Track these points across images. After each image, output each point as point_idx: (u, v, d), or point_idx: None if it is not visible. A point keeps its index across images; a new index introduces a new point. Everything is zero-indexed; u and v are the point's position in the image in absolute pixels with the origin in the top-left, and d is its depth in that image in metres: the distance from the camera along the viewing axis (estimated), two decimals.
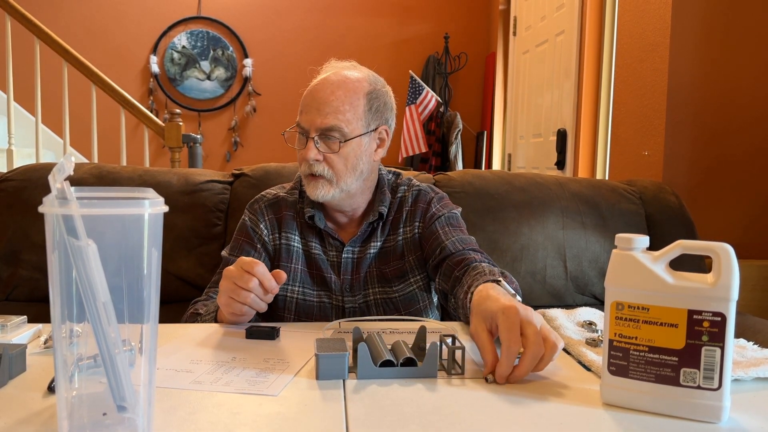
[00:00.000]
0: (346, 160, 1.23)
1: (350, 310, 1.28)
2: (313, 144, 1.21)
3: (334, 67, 1.29)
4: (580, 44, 3.06)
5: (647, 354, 0.75)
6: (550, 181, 1.85)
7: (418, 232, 1.32)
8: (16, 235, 1.61)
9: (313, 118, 1.21)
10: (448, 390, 0.81)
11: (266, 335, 1.01)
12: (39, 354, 0.91)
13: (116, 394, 0.62)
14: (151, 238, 0.61)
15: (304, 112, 1.23)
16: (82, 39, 4.52)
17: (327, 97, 1.21)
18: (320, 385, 0.81)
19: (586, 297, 1.74)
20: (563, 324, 1.06)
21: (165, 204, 0.61)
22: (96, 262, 0.57)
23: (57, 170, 0.57)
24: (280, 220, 1.33)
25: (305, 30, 4.87)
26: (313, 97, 1.22)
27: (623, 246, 0.77)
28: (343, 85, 1.23)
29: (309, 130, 1.22)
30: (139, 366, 0.64)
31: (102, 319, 0.60)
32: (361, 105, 1.24)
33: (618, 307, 0.77)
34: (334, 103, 1.21)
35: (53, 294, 0.61)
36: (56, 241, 0.58)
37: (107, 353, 0.61)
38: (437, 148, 4.65)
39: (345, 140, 1.22)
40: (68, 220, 0.56)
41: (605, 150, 2.98)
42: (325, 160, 1.22)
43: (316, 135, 1.21)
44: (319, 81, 1.25)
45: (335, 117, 1.20)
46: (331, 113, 1.20)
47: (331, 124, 1.20)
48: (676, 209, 1.84)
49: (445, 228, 1.29)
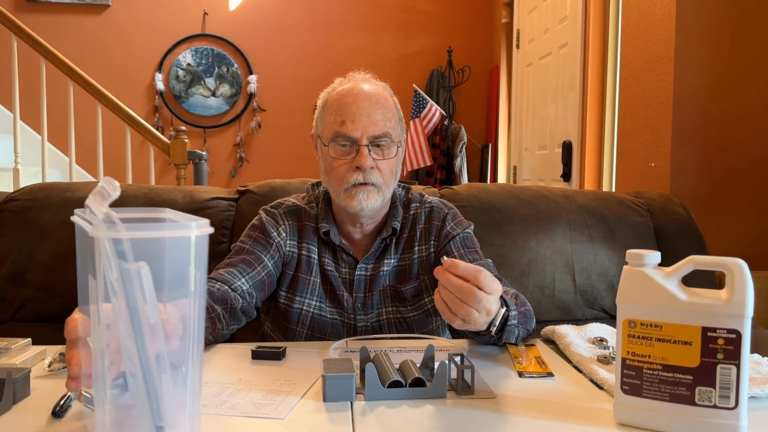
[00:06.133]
0: (391, 167, 1.23)
1: (362, 329, 1.26)
2: (367, 151, 1.19)
3: (361, 79, 1.27)
4: (584, 56, 3.06)
5: (661, 372, 0.74)
6: (557, 194, 1.83)
7: (433, 251, 1.30)
8: (21, 256, 1.60)
9: (364, 126, 1.19)
10: (458, 411, 0.80)
11: (272, 356, 0.99)
12: (43, 377, 0.90)
13: (155, 414, 0.61)
14: (197, 259, 0.61)
15: (350, 121, 1.19)
16: (87, 58, 4.55)
17: (373, 106, 1.21)
18: (327, 408, 0.80)
19: (595, 311, 1.72)
20: (574, 341, 1.04)
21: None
22: (148, 283, 0.58)
23: (99, 195, 0.58)
24: (300, 230, 1.30)
25: (309, 46, 4.89)
26: (358, 105, 1.20)
27: (634, 262, 0.76)
28: (381, 95, 1.24)
29: (359, 138, 1.19)
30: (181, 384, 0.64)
31: (147, 340, 0.59)
32: (396, 114, 1.26)
33: (630, 325, 0.75)
34: (381, 110, 1.21)
35: (93, 318, 0.61)
36: (103, 265, 0.58)
37: (149, 373, 0.61)
38: (442, 162, 4.64)
39: (397, 146, 1.23)
40: (118, 243, 0.57)
41: (611, 161, 2.97)
42: (377, 167, 1.21)
43: (368, 143, 1.20)
44: (356, 91, 1.22)
45: (385, 124, 1.21)
46: (381, 120, 1.20)
47: (383, 131, 1.20)
48: (684, 221, 1.82)
49: (461, 250, 1.27)
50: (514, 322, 1.03)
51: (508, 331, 1.02)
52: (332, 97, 1.25)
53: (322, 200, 1.33)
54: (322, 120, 1.26)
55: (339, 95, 1.23)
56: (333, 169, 1.22)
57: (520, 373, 0.94)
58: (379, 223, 1.31)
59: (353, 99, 1.21)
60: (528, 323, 1.11)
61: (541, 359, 1.00)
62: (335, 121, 1.21)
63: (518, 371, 0.95)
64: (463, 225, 1.33)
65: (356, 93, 1.22)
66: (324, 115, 1.25)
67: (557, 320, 1.68)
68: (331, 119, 1.22)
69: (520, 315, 1.07)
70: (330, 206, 1.31)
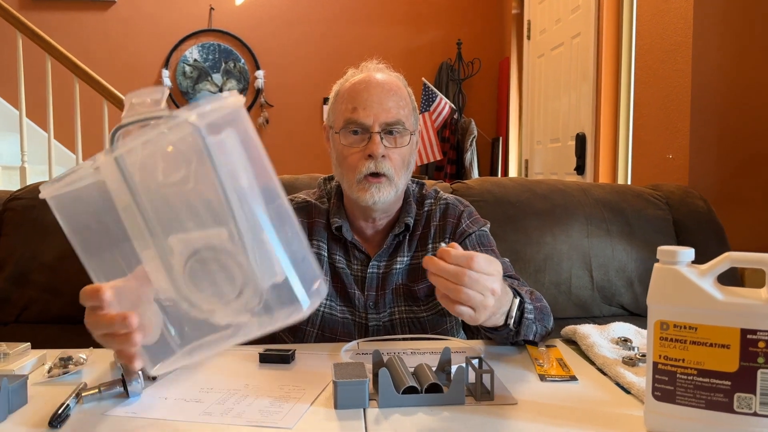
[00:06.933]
0: (403, 156, 1.20)
1: (374, 329, 1.22)
2: (378, 138, 1.16)
3: (374, 68, 1.26)
4: (597, 46, 2.99)
5: (696, 378, 0.69)
6: (573, 188, 1.78)
7: None
8: (25, 256, 1.57)
9: (376, 113, 1.16)
10: (478, 418, 0.75)
11: (280, 359, 0.95)
12: (42, 384, 0.87)
13: (267, 271, 0.63)
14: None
15: (361, 108, 1.17)
16: (93, 55, 4.52)
17: (386, 93, 1.18)
18: (339, 416, 0.76)
19: (613, 308, 1.67)
20: (597, 342, 0.99)
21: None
22: (238, 148, 0.62)
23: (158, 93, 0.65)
24: (311, 226, 1.27)
25: (316, 40, 4.84)
26: (370, 92, 1.18)
27: (666, 260, 0.71)
28: (395, 84, 1.22)
29: (371, 125, 1.16)
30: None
31: (252, 201, 0.62)
32: (410, 104, 1.23)
33: (662, 327, 0.70)
34: (394, 98, 1.19)
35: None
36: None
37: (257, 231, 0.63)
38: (452, 156, 4.58)
39: (410, 134, 1.20)
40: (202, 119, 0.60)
41: (626, 154, 2.90)
42: (388, 156, 1.18)
43: (381, 130, 1.16)
44: (369, 79, 1.21)
45: (398, 111, 1.18)
46: (393, 108, 1.18)
47: (395, 118, 1.17)
48: (704, 214, 1.77)
49: (476, 248, 1.23)
50: (531, 317, 1.00)
51: (525, 326, 0.99)
52: (345, 86, 1.23)
53: (334, 195, 1.30)
54: (334, 109, 1.24)
55: (351, 84, 1.21)
56: (344, 158, 1.19)
57: (542, 377, 0.89)
58: (392, 218, 1.27)
59: (365, 86, 1.19)
60: (546, 320, 1.07)
61: (562, 361, 0.95)
62: (347, 108, 1.19)
63: (539, 374, 0.90)
64: (479, 223, 1.29)
65: (368, 80, 1.20)
66: (336, 104, 1.23)
67: (574, 318, 1.64)
68: (343, 107, 1.20)
69: (537, 311, 1.03)
70: (342, 201, 1.28)
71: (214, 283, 0.65)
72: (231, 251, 0.63)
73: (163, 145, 0.63)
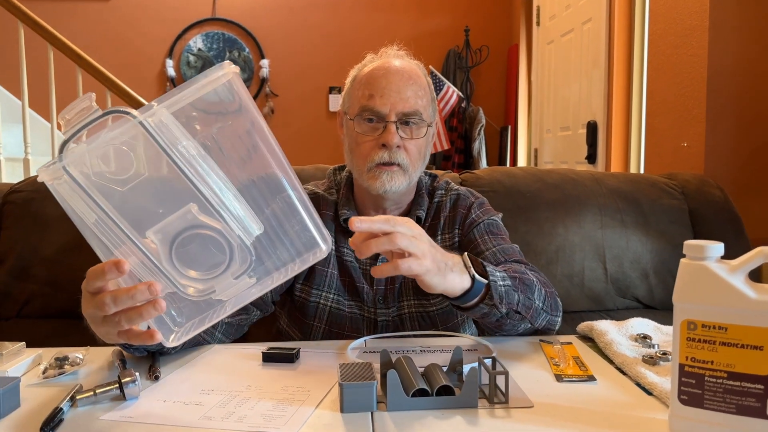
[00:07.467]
0: (419, 148, 1.16)
1: (383, 324, 1.18)
2: (394, 128, 1.12)
3: (393, 55, 1.21)
4: (609, 32, 2.92)
5: (726, 381, 0.64)
6: (586, 177, 1.73)
7: (457, 240, 1.22)
8: (26, 250, 1.54)
9: (393, 102, 1.12)
10: (492, 422, 0.71)
11: (285, 358, 0.91)
12: (36, 386, 0.83)
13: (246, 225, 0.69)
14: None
15: (379, 95, 1.13)
16: (96, 45, 4.48)
17: (405, 82, 1.14)
18: (345, 420, 0.72)
19: (627, 300, 1.62)
20: (615, 339, 0.95)
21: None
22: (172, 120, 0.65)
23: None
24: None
25: (322, 28, 4.78)
26: (389, 80, 1.14)
27: (694, 255, 0.66)
28: (414, 72, 1.18)
29: (387, 114, 1.12)
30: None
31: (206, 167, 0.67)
32: (429, 94, 1.19)
33: (690, 327, 0.66)
34: (413, 87, 1.14)
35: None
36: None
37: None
38: (459, 145, 4.53)
39: (427, 126, 1.17)
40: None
41: (639, 142, 2.84)
42: (404, 147, 1.14)
43: (397, 120, 1.12)
44: (387, 66, 1.16)
45: (416, 101, 1.14)
46: (411, 97, 1.14)
47: (413, 108, 1.13)
48: (721, 204, 1.72)
49: (484, 236, 1.19)
50: (502, 284, 0.93)
51: (503, 293, 0.92)
52: (362, 72, 1.19)
53: (344, 185, 1.26)
54: (350, 95, 1.20)
55: (369, 70, 1.17)
56: (357, 145, 1.15)
57: (558, 377, 0.85)
58: (403, 211, 1.23)
59: (383, 73, 1.15)
60: (529, 292, 0.99)
61: (579, 360, 0.91)
62: (363, 95, 1.14)
63: (555, 374, 0.86)
64: (490, 213, 1.25)
65: (387, 67, 1.16)
66: (352, 89, 1.19)
67: (587, 311, 1.60)
68: (359, 93, 1.16)
69: (513, 279, 0.96)
70: (352, 192, 1.24)
71: (205, 257, 0.68)
72: (206, 223, 0.67)
73: (110, 145, 0.65)
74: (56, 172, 0.65)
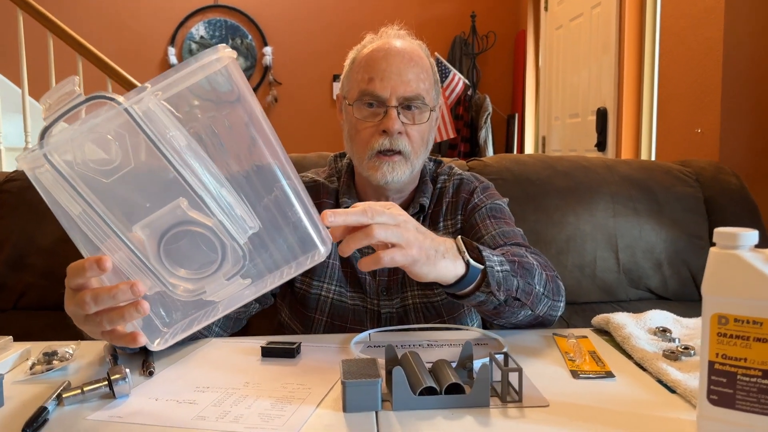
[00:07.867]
0: (422, 134, 1.11)
1: (386, 316, 1.13)
2: (395, 113, 1.07)
3: (394, 35, 1.15)
4: (619, 15, 2.85)
5: (761, 380, 0.59)
6: (597, 164, 1.67)
7: (460, 227, 1.17)
8: (22, 240, 1.50)
9: (394, 85, 1.07)
10: (505, 423, 0.67)
11: (284, 353, 0.87)
12: (23, 382, 0.79)
13: (239, 223, 0.64)
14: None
15: (378, 79, 1.07)
16: (97, 32, 4.42)
17: (406, 63, 1.08)
18: (348, 420, 0.67)
19: (640, 291, 1.57)
20: (633, 333, 0.90)
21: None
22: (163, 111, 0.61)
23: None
24: (317, 207, 1.18)
25: (326, 14, 4.71)
26: (389, 62, 1.08)
27: (725, 243, 0.61)
28: (416, 53, 1.11)
29: (388, 98, 1.07)
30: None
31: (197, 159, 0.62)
32: (432, 76, 1.13)
33: (721, 321, 0.61)
34: (414, 69, 1.09)
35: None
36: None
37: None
38: (466, 134, 4.46)
39: (430, 110, 1.11)
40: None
41: (650, 129, 2.77)
42: (405, 133, 1.09)
43: (398, 104, 1.07)
44: (388, 47, 1.10)
45: (418, 85, 1.08)
46: (413, 80, 1.08)
47: (415, 92, 1.08)
48: (737, 191, 1.66)
49: (486, 220, 1.13)
50: (500, 268, 0.87)
51: (500, 278, 0.86)
52: (361, 54, 1.13)
53: (345, 173, 1.21)
54: (349, 78, 1.14)
55: (369, 51, 1.11)
56: (357, 132, 1.10)
57: (574, 373, 0.80)
58: (407, 199, 1.18)
59: (384, 54, 1.09)
60: (529, 276, 0.93)
61: (596, 355, 0.86)
62: (362, 78, 1.09)
63: (571, 370, 0.81)
64: (493, 198, 1.19)
65: (387, 48, 1.10)
66: (351, 72, 1.13)
67: (599, 302, 1.55)
68: (358, 77, 1.10)
69: (512, 263, 0.90)
70: (353, 179, 1.20)
71: (196, 255, 0.64)
72: (196, 219, 0.62)
73: (95, 133, 0.60)
74: (37, 160, 0.60)
